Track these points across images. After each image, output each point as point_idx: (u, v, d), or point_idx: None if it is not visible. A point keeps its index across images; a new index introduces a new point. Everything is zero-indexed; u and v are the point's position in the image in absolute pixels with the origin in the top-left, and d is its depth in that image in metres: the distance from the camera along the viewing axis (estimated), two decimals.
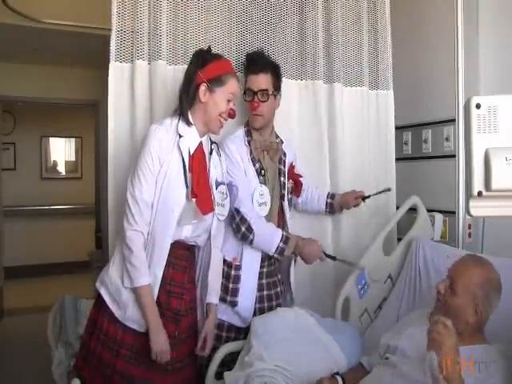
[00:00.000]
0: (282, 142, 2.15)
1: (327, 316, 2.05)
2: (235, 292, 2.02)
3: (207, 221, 1.77)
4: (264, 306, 2.09)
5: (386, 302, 2.20)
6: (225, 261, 2.03)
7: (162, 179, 1.65)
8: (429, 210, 2.40)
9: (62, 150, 7.78)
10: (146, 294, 1.64)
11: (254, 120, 2.05)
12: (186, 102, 1.74)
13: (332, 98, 2.45)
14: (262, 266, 2.06)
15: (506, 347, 1.50)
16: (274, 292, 2.13)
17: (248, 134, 2.07)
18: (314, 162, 2.42)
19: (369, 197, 2.27)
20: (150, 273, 1.65)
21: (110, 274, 1.70)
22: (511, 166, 1.55)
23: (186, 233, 1.72)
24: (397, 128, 2.72)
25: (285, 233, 2.01)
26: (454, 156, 2.26)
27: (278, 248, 1.98)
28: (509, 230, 2.21)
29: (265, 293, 2.10)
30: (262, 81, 2.01)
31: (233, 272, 2.02)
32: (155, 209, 1.65)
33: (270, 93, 2.02)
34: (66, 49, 4.54)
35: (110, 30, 2.00)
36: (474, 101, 1.60)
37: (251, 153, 2.04)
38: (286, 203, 2.14)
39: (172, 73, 2.09)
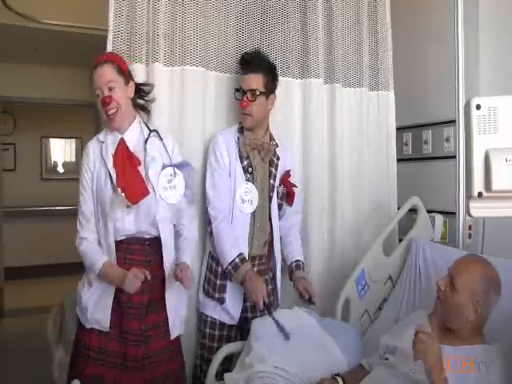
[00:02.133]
0: (277, 146, 2.15)
1: (327, 317, 2.05)
2: (223, 288, 2.04)
3: (148, 208, 1.78)
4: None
5: (386, 302, 2.20)
6: (213, 257, 2.07)
7: (95, 187, 1.80)
8: (429, 211, 2.40)
9: (62, 151, 7.78)
10: (106, 272, 1.75)
11: (243, 119, 2.08)
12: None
13: (332, 97, 2.46)
14: (252, 265, 2.04)
15: (505, 347, 1.50)
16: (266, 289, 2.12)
17: (240, 130, 2.10)
18: (313, 161, 2.41)
19: (310, 301, 2.03)
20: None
21: (78, 287, 1.88)
22: (511, 167, 1.55)
23: (129, 226, 1.77)
24: (397, 129, 2.72)
25: (238, 259, 1.94)
26: (454, 157, 2.25)
27: (226, 268, 1.96)
28: (509, 230, 2.20)
29: None
30: (252, 81, 2.04)
31: (220, 268, 2.04)
32: (97, 215, 1.80)
33: (258, 93, 2.03)
34: (66, 49, 4.54)
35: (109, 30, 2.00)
36: (474, 102, 1.60)
37: (239, 149, 2.06)
38: (273, 206, 2.12)
39: (169, 74, 2.09)
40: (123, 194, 1.72)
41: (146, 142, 1.83)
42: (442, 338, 1.53)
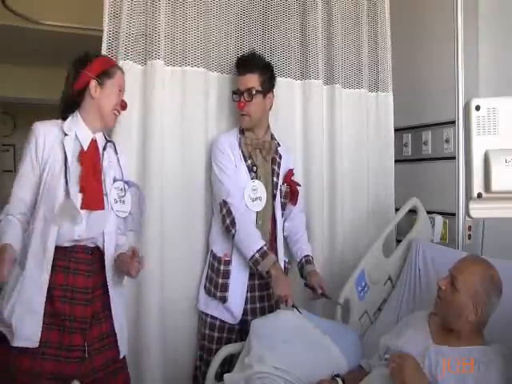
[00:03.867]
0: (279, 145, 2.16)
1: (327, 318, 2.05)
2: (225, 287, 2.03)
3: (102, 216, 1.67)
4: (256, 306, 2.10)
5: (385, 303, 2.20)
6: (215, 256, 2.07)
7: (44, 180, 1.62)
8: (429, 212, 2.40)
9: None
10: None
11: (241, 120, 2.08)
12: (68, 106, 1.74)
13: (332, 98, 2.47)
14: None
15: (505, 348, 1.50)
16: (267, 293, 2.12)
17: (241, 132, 2.11)
18: (313, 161, 2.41)
19: (326, 296, 2.07)
20: (38, 277, 1.56)
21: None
22: (511, 168, 1.55)
23: (79, 232, 1.62)
24: (397, 130, 2.72)
25: (266, 247, 1.94)
26: (453, 158, 2.25)
27: (253, 257, 1.93)
28: (509, 231, 2.21)
29: (257, 294, 2.10)
30: (248, 80, 2.04)
31: (222, 267, 2.04)
32: (39, 207, 1.61)
33: (255, 92, 2.03)
34: (66, 50, 4.52)
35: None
36: (474, 103, 1.61)
37: (242, 149, 2.06)
38: (277, 204, 2.12)
39: (170, 74, 2.09)
40: (80, 196, 1.61)
41: (104, 148, 1.75)
42: (441, 338, 1.54)
